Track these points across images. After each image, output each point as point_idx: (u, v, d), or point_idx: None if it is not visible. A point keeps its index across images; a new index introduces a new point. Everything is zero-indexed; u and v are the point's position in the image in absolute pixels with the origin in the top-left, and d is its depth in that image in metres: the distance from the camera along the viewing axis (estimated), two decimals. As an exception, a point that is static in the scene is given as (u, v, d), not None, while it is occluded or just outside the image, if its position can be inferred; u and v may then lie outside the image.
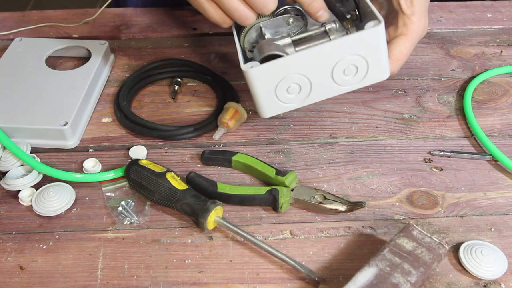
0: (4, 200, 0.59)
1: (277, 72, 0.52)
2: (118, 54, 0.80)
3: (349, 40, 0.51)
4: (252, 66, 0.52)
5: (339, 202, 0.56)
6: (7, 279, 0.51)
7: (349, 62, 0.53)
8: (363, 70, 0.54)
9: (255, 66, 0.52)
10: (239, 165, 0.61)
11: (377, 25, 0.51)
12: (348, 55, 0.52)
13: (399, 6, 0.59)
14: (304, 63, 0.52)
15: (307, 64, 0.52)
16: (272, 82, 0.53)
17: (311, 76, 0.53)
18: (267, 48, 0.54)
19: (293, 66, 0.52)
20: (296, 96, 0.55)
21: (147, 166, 0.57)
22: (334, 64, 0.52)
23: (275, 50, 0.54)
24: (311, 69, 0.52)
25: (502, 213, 0.58)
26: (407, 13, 0.59)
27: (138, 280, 0.51)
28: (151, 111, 0.70)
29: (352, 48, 0.52)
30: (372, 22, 0.52)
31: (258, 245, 0.52)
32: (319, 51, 0.51)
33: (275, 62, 0.52)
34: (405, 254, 0.49)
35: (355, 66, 0.53)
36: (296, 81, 0.53)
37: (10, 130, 0.63)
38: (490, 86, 0.75)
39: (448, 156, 0.64)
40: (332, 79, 0.53)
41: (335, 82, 0.54)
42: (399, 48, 0.59)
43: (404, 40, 0.59)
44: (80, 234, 0.56)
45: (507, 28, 0.86)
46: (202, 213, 0.53)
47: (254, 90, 0.54)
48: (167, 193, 0.55)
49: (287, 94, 0.54)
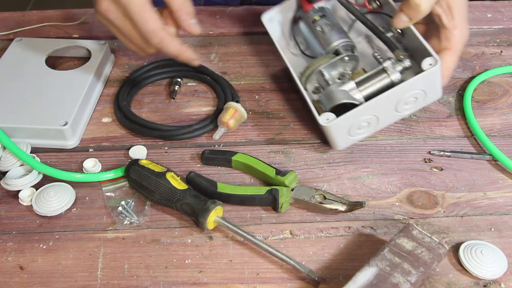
0: (4, 200, 0.59)
1: (350, 120, 0.57)
2: (118, 54, 0.80)
3: (411, 83, 0.56)
4: (328, 119, 0.57)
5: (339, 202, 0.56)
6: (7, 279, 0.51)
7: (410, 96, 0.58)
8: (422, 97, 0.60)
9: (331, 119, 0.57)
10: (239, 165, 0.61)
11: (435, 65, 0.56)
12: (410, 92, 0.58)
13: (441, 21, 0.60)
14: (373, 107, 0.57)
15: (376, 107, 0.58)
16: (346, 128, 0.59)
17: (379, 115, 0.59)
18: (338, 97, 0.59)
19: (364, 112, 0.57)
20: (365, 130, 0.61)
21: (147, 166, 0.57)
22: (398, 101, 0.58)
23: (345, 98, 0.58)
24: (379, 110, 0.58)
25: (502, 213, 0.58)
26: (448, 27, 0.60)
27: (138, 280, 0.51)
28: (151, 111, 0.70)
29: (414, 87, 0.57)
30: (428, 60, 0.56)
31: (258, 245, 0.52)
32: (385, 97, 0.57)
33: (349, 114, 0.56)
34: (405, 254, 0.49)
35: (415, 97, 0.59)
36: (366, 120, 0.59)
37: (10, 130, 0.63)
38: (490, 86, 0.75)
39: (448, 156, 0.64)
40: (395, 111, 0.60)
41: (397, 112, 0.60)
42: (446, 64, 0.61)
43: (449, 55, 0.61)
44: (80, 234, 0.56)
45: (507, 28, 0.86)
46: (202, 213, 0.53)
47: (330, 136, 0.59)
48: (167, 193, 0.55)
49: (358, 130, 0.60)
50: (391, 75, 0.59)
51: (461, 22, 0.60)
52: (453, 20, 0.59)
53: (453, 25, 0.59)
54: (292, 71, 0.64)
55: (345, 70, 0.62)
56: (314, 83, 0.63)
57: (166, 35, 0.59)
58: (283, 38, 0.71)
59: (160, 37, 0.59)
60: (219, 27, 0.85)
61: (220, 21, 0.86)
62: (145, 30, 0.58)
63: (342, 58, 0.61)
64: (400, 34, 0.63)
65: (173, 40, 0.60)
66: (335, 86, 0.60)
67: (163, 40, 0.59)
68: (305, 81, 0.62)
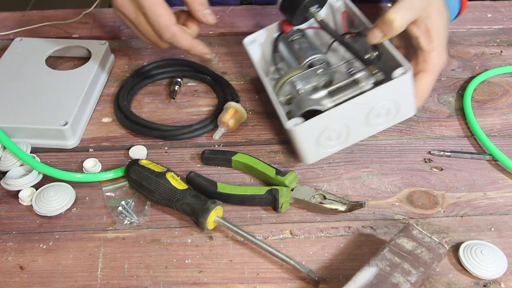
0: (4, 200, 0.59)
1: (319, 126, 0.56)
2: (118, 54, 0.80)
3: (381, 90, 0.56)
4: (295, 123, 0.55)
5: (339, 202, 0.56)
6: (7, 278, 0.51)
7: (381, 107, 0.57)
8: (394, 111, 0.59)
9: (298, 123, 0.55)
10: (239, 165, 0.62)
11: (406, 73, 0.55)
12: (381, 102, 0.57)
13: (418, 43, 0.60)
14: (342, 114, 0.56)
15: (345, 115, 0.56)
16: (314, 135, 0.57)
17: (349, 124, 0.57)
18: (306, 104, 0.58)
19: (333, 119, 0.56)
20: (335, 142, 0.59)
21: (147, 166, 0.57)
22: (369, 110, 0.57)
23: (313, 105, 0.57)
24: (348, 118, 0.57)
25: (502, 213, 0.58)
26: (426, 49, 0.60)
27: (138, 280, 0.51)
28: (151, 111, 0.70)
29: (384, 95, 0.56)
30: (400, 70, 0.55)
31: (258, 245, 0.52)
32: (355, 103, 0.56)
33: (316, 118, 0.55)
34: (405, 254, 0.49)
35: (387, 109, 0.58)
36: (335, 129, 0.57)
37: (10, 130, 0.63)
38: (490, 86, 0.75)
39: (448, 156, 0.64)
40: (367, 123, 0.58)
41: (369, 125, 0.59)
42: (422, 85, 0.61)
43: (426, 76, 0.61)
44: (80, 234, 0.56)
45: (507, 28, 0.86)
46: (202, 213, 0.53)
47: (297, 144, 0.57)
48: (167, 193, 0.55)
49: (327, 142, 0.58)
50: (364, 87, 0.58)
51: (439, 46, 0.60)
52: (431, 42, 0.59)
53: (431, 47, 0.60)
54: (268, 84, 0.64)
55: (319, 84, 0.62)
56: (287, 94, 0.63)
57: (178, 30, 0.60)
58: (263, 60, 0.71)
59: (172, 32, 0.60)
60: (219, 27, 0.85)
61: (220, 21, 0.86)
62: (158, 25, 0.59)
63: (315, 71, 0.61)
64: (377, 57, 0.63)
65: (185, 35, 0.61)
66: (305, 94, 0.60)
67: (175, 35, 0.60)
68: (278, 90, 0.62)
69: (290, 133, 0.56)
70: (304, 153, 0.59)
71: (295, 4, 0.64)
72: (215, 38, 0.83)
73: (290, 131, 0.56)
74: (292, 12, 0.65)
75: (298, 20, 0.67)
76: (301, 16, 0.66)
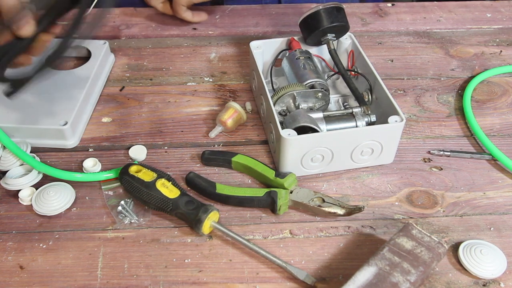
0: (4, 200, 0.59)
1: (309, 143, 0.57)
2: (118, 54, 0.80)
3: (375, 129, 0.59)
4: (289, 134, 0.57)
5: (338, 206, 0.56)
6: (7, 278, 0.51)
7: (368, 145, 0.59)
8: (377, 153, 0.61)
9: (292, 135, 0.56)
10: (239, 166, 0.62)
11: (400, 122, 0.58)
12: (370, 140, 0.59)
13: None
14: (333, 139, 0.58)
15: (335, 141, 0.58)
16: (301, 151, 0.58)
17: (335, 151, 0.59)
18: (304, 119, 0.59)
19: (324, 141, 0.58)
20: (318, 164, 0.60)
21: (136, 176, 0.56)
22: (357, 144, 0.59)
23: (310, 123, 0.59)
24: (337, 146, 0.59)
25: (501, 212, 0.58)
26: None
27: (138, 280, 0.51)
28: (151, 111, 0.70)
29: (375, 135, 0.59)
30: (396, 117, 0.58)
31: (253, 249, 0.52)
32: (348, 133, 0.58)
33: (312, 135, 0.57)
34: (405, 254, 0.50)
35: (371, 149, 0.60)
36: (321, 152, 0.59)
37: (10, 130, 0.63)
38: (490, 86, 0.75)
39: (447, 155, 0.64)
40: (350, 156, 0.60)
41: (352, 159, 0.61)
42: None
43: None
44: (80, 233, 0.56)
45: (507, 28, 0.86)
46: (196, 223, 0.53)
47: (283, 153, 0.58)
48: (159, 203, 0.55)
49: (310, 162, 0.60)
50: (358, 121, 0.60)
51: None
52: None
53: None
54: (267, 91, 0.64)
55: (314, 107, 0.64)
56: (283, 105, 0.63)
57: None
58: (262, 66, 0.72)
59: None
60: (219, 27, 0.85)
61: (220, 21, 0.87)
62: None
63: (316, 93, 0.62)
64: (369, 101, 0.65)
65: None
66: (304, 110, 0.62)
67: None
68: (277, 99, 0.63)
69: (281, 141, 0.57)
70: (284, 164, 0.59)
71: (317, 25, 0.67)
72: (215, 38, 0.83)
73: (282, 139, 0.56)
74: (311, 32, 0.68)
75: (312, 41, 0.70)
76: (316, 38, 0.69)
